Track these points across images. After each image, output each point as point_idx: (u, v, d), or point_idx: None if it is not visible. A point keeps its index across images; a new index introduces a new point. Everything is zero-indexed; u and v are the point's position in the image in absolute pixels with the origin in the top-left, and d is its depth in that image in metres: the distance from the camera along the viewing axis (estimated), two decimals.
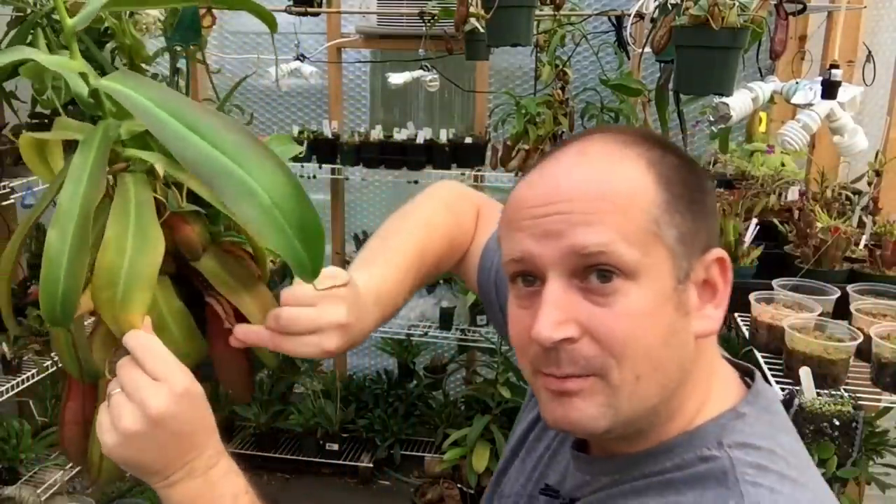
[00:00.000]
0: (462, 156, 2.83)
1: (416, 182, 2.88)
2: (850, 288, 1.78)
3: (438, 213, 0.93)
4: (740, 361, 0.73)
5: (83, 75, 0.67)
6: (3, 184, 2.16)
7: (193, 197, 0.73)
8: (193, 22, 2.01)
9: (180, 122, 0.59)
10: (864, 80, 2.02)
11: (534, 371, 0.65)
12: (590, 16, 2.58)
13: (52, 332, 0.73)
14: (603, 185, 0.63)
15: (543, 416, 0.67)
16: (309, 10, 2.57)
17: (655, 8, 1.74)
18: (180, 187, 0.73)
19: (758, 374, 0.71)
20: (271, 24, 0.74)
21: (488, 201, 1.00)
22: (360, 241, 2.96)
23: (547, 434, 0.83)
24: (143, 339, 0.66)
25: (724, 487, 0.61)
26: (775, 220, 2.01)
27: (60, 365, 2.55)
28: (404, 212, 0.93)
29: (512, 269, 0.66)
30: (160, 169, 0.69)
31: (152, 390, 0.64)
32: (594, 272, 0.61)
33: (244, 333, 0.73)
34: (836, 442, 1.58)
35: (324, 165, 2.92)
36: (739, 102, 1.69)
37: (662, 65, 1.90)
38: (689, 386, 0.66)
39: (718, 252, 0.65)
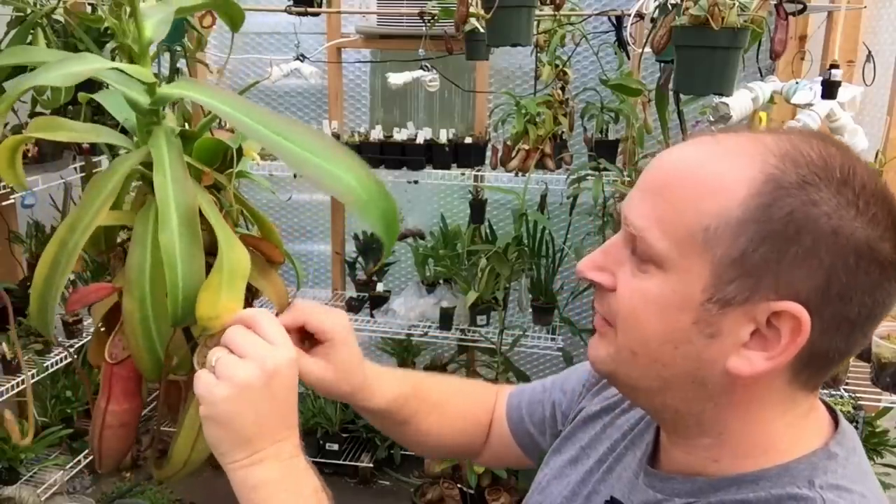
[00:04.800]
0: (462, 156, 2.82)
1: (415, 182, 2.87)
2: None
3: (447, 375, 1.03)
4: (821, 398, 0.71)
5: (150, 84, 0.72)
6: (2, 184, 2.16)
7: None
8: (179, 22, 2.01)
9: (271, 130, 0.68)
10: (864, 80, 2.02)
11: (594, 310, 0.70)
12: (590, 16, 2.58)
13: (128, 331, 0.72)
14: (689, 168, 0.62)
15: None
16: (309, 10, 2.57)
17: (655, 8, 1.73)
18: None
19: (839, 412, 0.70)
20: (237, 22, 0.82)
21: (509, 386, 1.06)
22: (359, 240, 2.95)
23: (595, 448, 0.82)
24: (257, 311, 0.69)
25: None
26: None
27: (60, 365, 2.51)
28: None
29: None
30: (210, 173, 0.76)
31: (270, 349, 0.67)
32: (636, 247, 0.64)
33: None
34: None
35: None
36: (739, 102, 1.68)
37: (662, 65, 1.90)
38: (736, 415, 0.64)
39: (796, 309, 0.57)
